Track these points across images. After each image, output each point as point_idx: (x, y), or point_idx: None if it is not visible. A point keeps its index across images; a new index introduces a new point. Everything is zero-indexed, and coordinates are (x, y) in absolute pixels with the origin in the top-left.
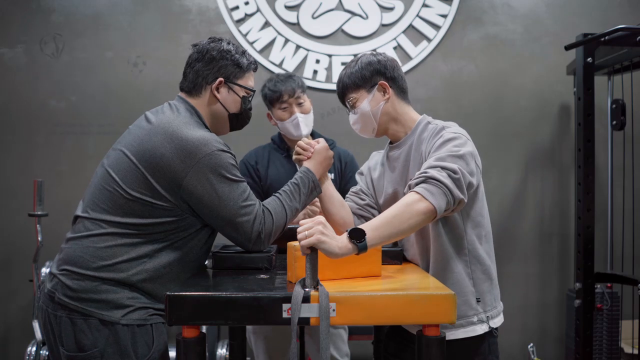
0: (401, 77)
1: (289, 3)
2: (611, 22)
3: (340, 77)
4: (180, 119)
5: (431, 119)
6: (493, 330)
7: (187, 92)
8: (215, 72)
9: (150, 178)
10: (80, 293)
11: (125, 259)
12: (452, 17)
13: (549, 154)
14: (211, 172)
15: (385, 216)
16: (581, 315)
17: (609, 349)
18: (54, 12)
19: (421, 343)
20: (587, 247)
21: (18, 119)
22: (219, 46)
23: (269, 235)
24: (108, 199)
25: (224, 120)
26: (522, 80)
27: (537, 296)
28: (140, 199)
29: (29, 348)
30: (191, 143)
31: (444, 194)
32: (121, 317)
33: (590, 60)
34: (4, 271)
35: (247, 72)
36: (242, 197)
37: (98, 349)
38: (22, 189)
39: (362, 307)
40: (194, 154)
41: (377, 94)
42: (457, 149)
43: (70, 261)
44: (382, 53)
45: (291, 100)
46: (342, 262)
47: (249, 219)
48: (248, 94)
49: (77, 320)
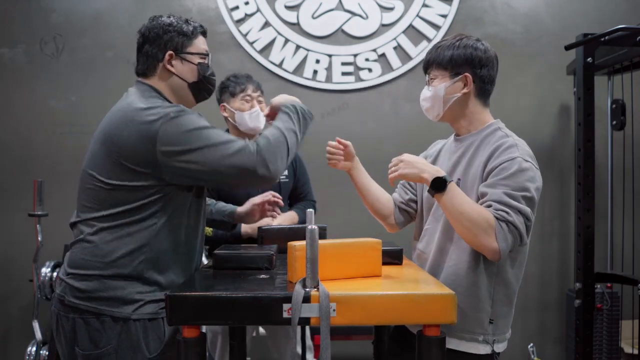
0: (491, 78)
1: (289, 3)
2: (611, 22)
3: (433, 48)
4: (134, 97)
5: (503, 125)
6: (495, 355)
7: (142, 74)
8: (163, 47)
9: (123, 161)
10: (89, 293)
11: (126, 252)
12: (452, 17)
13: (549, 154)
14: (177, 135)
15: (467, 203)
16: (581, 315)
17: (609, 349)
18: (54, 12)
19: (421, 343)
20: (587, 247)
21: (18, 119)
22: (160, 22)
23: (272, 153)
24: (92, 197)
25: (185, 92)
26: (522, 80)
27: (537, 296)
28: (120, 186)
29: (29, 348)
30: (145, 116)
31: (514, 242)
32: (132, 312)
33: (590, 60)
34: (4, 271)
35: (194, 38)
36: (221, 136)
37: (112, 345)
38: (22, 189)
39: (362, 307)
40: (152, 126)
41: (458, 83)
42: (529, 189)
43: (75, 265)
44: (487, 46)
45: (254, 95)
46: (343, 262)
47: (241, 146)
48: (203, 59)
49: (90, 320)
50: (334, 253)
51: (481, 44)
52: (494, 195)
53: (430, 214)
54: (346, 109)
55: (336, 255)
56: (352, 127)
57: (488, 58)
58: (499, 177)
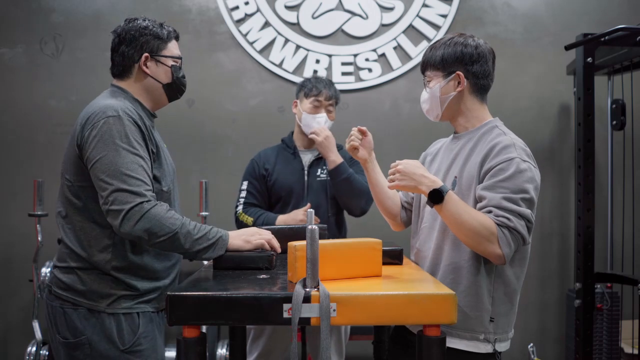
0: (485, 73)
1: (289, 3)
2: (611, 22)
3: (428, 49)
4: (99, 97)
5: (501, 123)
6: (496, 354)
7: (118, 76)
8: (139, 49)
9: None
10: (69, 284)
11: (98, 249)
12: (452, 17)
13: (549, 154)
14: (106, 136)
15: (467, 211)
16: (581, 315)
17: (609, 349)
18: (54, 12)
19: (421, 343)
20: (587, 247)
21: (18, 119)
22: (136, 25)
23: (150, 222)
24: (62, 194)
25: (159, 92)
26: (522, 80)
27: (537, 296)
28: (82, 186)
29: (29, 348)
30: (92, 111)
31: (517, 245)
32: (106, 306)
33: (590, 60)
34: (4, 271)
35: (169, 42)
36: (130, 166)
37: (86, 336)
38: (22, 189)
39: (362, 307)
40: (92, 120)
41: (451, 82)
42: (528, 191)
43: (59, 258)
44: (478, 41)
45: (325, 103)
46: (343, 262)
47: (130, 191)
48: (176, 62)
49: (68, 310)
50: (334, 253)
51: (472, 39)
52: (493, 200)
53: (427, 212)
54: (346, 109)
55: (336, 256)
56: (352, 127)
57: (479, 53)
58: (496, 179)
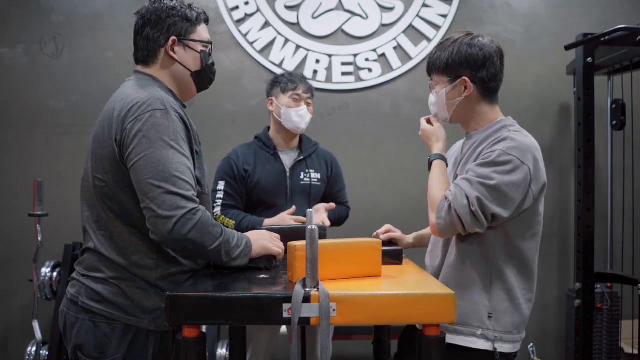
0: (493, 76)
1: (289, 3)
2: (611, 22)
3: (431, 53)
4: (129, 85)
5: (511, 123)
6: (496, 353)
7: (142, 62)
8: (166, 32)
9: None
10: (104, 296)
11: (140, 257)
12: (452, 17)
13: (549, 154)
14: (153, 132)
15: (438, 181)
16: (581, 315)
17: (609, 349)
18: (54, 12)
19: (421, 343)
20: (587, 247)
21: (18, 119)
22: (163, 5)
23: (198, 231)
24: (90, 196)
25: (188, 81)
26: (522, 80)
27: (537, 296)
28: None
29: (29, 348)
30: (134, 102)
31: (452, 221)
32: (149, 322)
33: (590, 60)
34: (4, 271)
35: (198, 25)
36: (179, 168)
37: (120, 354)
38: (22, 189)
39: (362, 307)
40: (135, 112)
41: (458, 87)
42: (492, 178)
43: (89, 267)
44: (484, 42)
45: (304, 96)
46: (342, 262)
47: (182, 195)
48: (206, 47)
49: (101, 324)
50: (334, 253)
51: (477, 40)
52: (457, 179)
53: None
54: (346, 109)
55: (336, 256)
56: (352, 127)
57: (485, 56)
58: (472, 165)
